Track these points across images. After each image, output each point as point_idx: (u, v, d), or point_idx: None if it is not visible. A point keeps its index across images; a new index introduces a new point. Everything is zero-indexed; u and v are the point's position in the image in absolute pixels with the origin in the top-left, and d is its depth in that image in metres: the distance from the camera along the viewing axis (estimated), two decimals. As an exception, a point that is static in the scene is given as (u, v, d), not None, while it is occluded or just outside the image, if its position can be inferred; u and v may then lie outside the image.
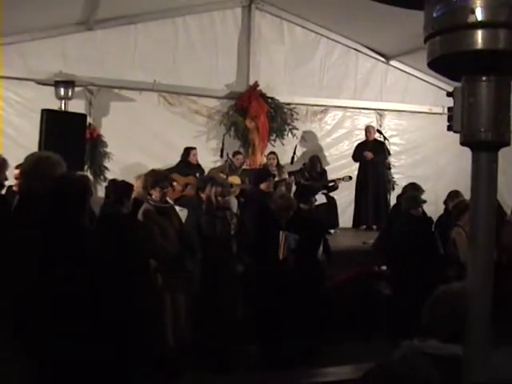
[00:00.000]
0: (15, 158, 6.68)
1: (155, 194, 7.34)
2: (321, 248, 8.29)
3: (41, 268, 4.03)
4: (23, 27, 10.63)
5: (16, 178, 7.30)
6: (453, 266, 8.02)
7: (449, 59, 1.90)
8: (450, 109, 2.02)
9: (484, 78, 1.93)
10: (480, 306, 1.98)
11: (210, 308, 7.37)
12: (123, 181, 7.65)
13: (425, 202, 8.81)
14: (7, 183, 7.05)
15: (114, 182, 7.86)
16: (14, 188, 7.30)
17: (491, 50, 1.84)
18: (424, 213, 8.96)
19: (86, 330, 4.00)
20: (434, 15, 1.89)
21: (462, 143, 2.00)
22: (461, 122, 1.97)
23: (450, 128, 2.02)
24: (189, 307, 7.30)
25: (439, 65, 1.99)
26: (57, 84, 10.61)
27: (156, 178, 7.44)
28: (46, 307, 3.94)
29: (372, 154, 12.33)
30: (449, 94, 2.04)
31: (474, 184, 1.99)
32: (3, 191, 6.82)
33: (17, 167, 7.04)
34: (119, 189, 7.08)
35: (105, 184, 9.48)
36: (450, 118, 2.02)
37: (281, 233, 7.81)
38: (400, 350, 2.57)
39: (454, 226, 8.44)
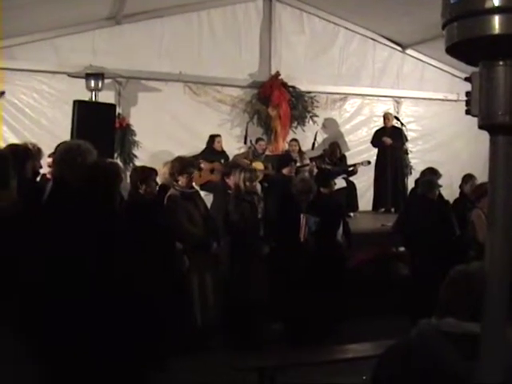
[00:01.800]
0: (50, 148, 6.99)
1: (182, 180, 7.54)
2: (340, 230, 8.42)
3: (71, 252, 4.01)
4: (56, 23, 10.88)
5: (49, 166, 7.65)
6: (472, 247, 8.06)
7: (466, 45, 1.88)
8: (467, 93, 2.01)
9: (501, 63, 1.90)
10: (498, 285, 1.96)
11: (237, 288, 7.63)
12: (142, 166, 7.92)
13: (440, 186, 8.87)
14: (41, 171, 7.51)
15: (133, 170, 8.20)
16: (48, 176, 7.67)
17: (508, 35, 1.82)
18: (441, 196, 9.02)
19: (112, 312, 4.00)
20: (452, 1, 1.89)
21: (480, 127, 1.98)
22: (479, 106, 1.95)
23: (468, 112, 2.01)
24: (216, 288, 7.52)
25: (457, 50, 1.99)
26: (87, 76, 10.82)
27: (183, 165, 7.65)
28: (76, 289, 3.92)
29: (391, 140, 12.41)
30: (467, 79, 2.03)
31: (492, 166, 1.96)
32: (38, 178, 7.29)
33: (50, 156, 7.37)
34: (136, 175, 7.35)
35: (134, 171, 9.79)
36: (467, 103, 2.01)
37: (301, 216, 7.93)
38: (418, 328, 2.58)
39: (473, 208, 8.51)
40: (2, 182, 3.79)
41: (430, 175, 9.28)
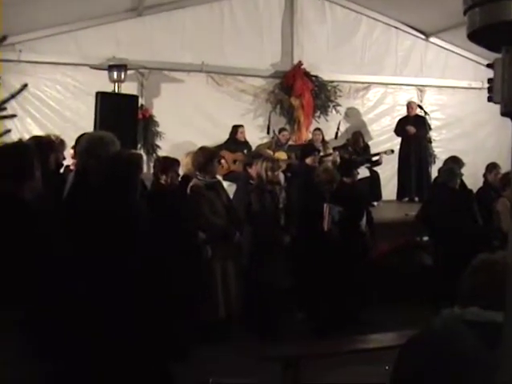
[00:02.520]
0: (73, 139, 6.91)
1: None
2: (364, 220, 8.43)
3: (92, 241, 4.05)
4: (78, 16, 10.95)
5: (72, 158, 7.75)
6: (497, 237, 8.04)
7: (489, 30, 1.71)
8: (490, 80, 1.93)
9: (524, 48, 1.82)
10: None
11: (258, 278, 7.62)
12: (164, 157, 7.96)
13: (462, 175, 8.88)
14: (65, 163, 7.56)
15: (156, 160, 8.25)
16: (71, 167, 7.75)
17: (532, 20, 1.73)
18: (464, 185, 9.03)
19: (134, 303, 4.04)
20: None
21: (503, 114, 1.93)
22: (501, 92, 1.90)
23: (490, 99, 1.95)
24: (238, 278, 7.52)
25: (479, 36, 1.93)
26: (110, 68, 10.87)
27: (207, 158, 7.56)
28: (96, 278, 3.96)
29: (414, 129, 12.34)
30: (489, 66, 1.94)
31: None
32: (61, 170, 7.34)
33: (73, 147, 7.49)
34: (157, 165, 7.49)
35: (157, 162, 9.84)
36: (490, 90, 1.94)
37: (325, 205, 7.94)
38: (441, 317, 2.60)
39: (498, 198, 8.58)
40: (28, 173, 3.81)
41: (452, 164, 9.29)
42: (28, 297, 3.46)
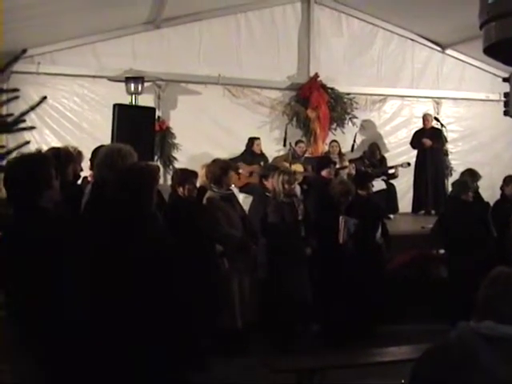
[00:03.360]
0: (91, 151, 7.07)
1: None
2: (379, 232, 8.41)
3: (108, 253, 4.03)
4: (96, 29, 11.07)
5: (90, 169, 7.79)
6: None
7: (504, 45, 1.81)
8: (506, 94, 1.94)
9: (540, 63, 1.79)
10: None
11: (279, 289, 7.60)
12: (182, 169, 7.96)
13: (475, 187, 8.84)
14: (83, 174, 7.60)
15: (174, 172, 8.27)
16: (89, 178, 7.78)
17: (547, 35, 1.73)
18: (479, 197, 9.01)
19: (153, 315, 3.99)
20: (489, 1, 1.80)
21: (519, 128, 1.91)
22: None
23: (506, 113, 1.92)
24: (254, 290, 7.52)
25: (495, 50, 1.89)
26: (127, 80, 10.92)
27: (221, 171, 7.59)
28: (113, 292, 3.95)
29: (430, 141, 12.31)
30: (505, 80, 1.95)
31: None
32: (79, 181, 7.35)
33: (91, 159, 7.53)
34: (175, 177, 7.49)
35: (174, 173, 9.86)
36: (506, 104, 1.95)
37: (340, 217, 7.94)
38: (456, 331, 2.56)
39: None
40: (46, 183, 3.85)
41: (466, 177, 9.22)
42: (42, 306, 3.50)
